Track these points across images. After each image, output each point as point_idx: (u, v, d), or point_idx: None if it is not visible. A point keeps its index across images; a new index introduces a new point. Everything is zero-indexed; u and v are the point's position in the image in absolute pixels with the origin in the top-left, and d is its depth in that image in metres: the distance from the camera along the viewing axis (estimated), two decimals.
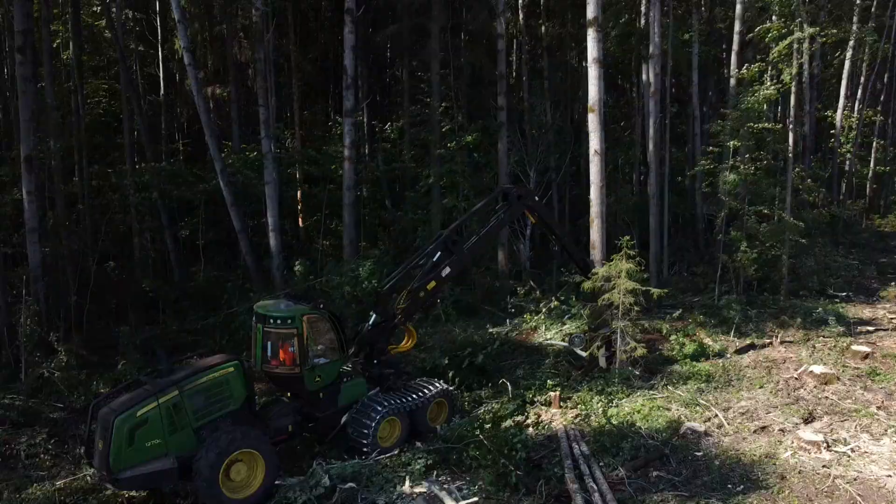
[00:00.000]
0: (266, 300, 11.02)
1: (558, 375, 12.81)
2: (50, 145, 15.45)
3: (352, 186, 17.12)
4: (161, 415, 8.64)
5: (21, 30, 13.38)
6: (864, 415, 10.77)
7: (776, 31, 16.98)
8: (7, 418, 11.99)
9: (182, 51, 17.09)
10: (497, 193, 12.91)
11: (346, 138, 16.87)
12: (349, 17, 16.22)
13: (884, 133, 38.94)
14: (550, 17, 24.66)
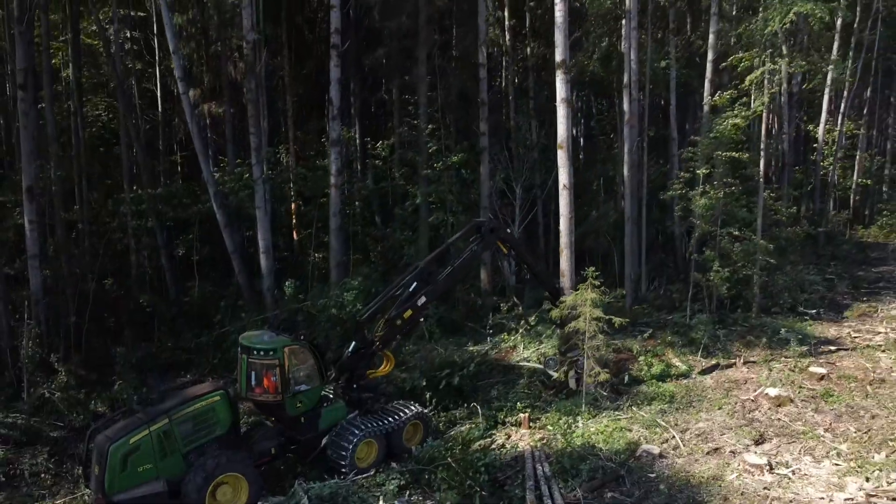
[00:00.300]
0: (251, 332, 11.74)
1: (530, 396, 13.59)
2: (51, 174, 16.20)
3: (338, 212, 17.87)
4: (152, 442, 9.41)
5: (22, 67, 14.14)
6: (810, 437, 11.52)
7: (748, 61, 17.75)
8: (10, 437, 12.80)
9: (178, 81, 17.71)
10: (471, 226, 13.61)
11: (333, 167, 17.62)
12: (335, 51, 16.96)
13: (868, 144, 39.75)
14: (536, 38, 25.37)
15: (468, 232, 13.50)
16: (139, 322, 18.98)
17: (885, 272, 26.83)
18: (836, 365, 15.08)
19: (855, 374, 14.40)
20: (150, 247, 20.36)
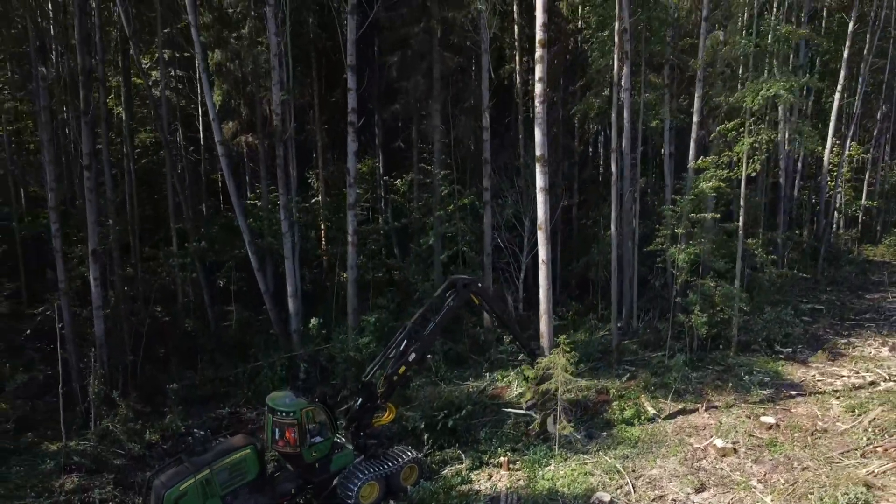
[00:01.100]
0: (276, 393, 14.12)
1: (513, 439, 15.83)
2: (109, 238, 18.88)
3: (355, 265, 20.20)
4: (197, 488, 11.94)
5: (87, 151, 16.75)
6: (743, 488, 13.57)
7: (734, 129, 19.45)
8: (83, 465, 15.59)
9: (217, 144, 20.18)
10: (448, 283, 15.68)
11: (350, 227, 19.93)
12: (352, 127, 19.24)
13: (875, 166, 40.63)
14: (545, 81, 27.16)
15: (446, 288, 15.59)
16: (184, 350, 21.77)
17: (877, 300, 28.18)
18: (790, 412, 17.00)
19: (803, 422, 16.32)
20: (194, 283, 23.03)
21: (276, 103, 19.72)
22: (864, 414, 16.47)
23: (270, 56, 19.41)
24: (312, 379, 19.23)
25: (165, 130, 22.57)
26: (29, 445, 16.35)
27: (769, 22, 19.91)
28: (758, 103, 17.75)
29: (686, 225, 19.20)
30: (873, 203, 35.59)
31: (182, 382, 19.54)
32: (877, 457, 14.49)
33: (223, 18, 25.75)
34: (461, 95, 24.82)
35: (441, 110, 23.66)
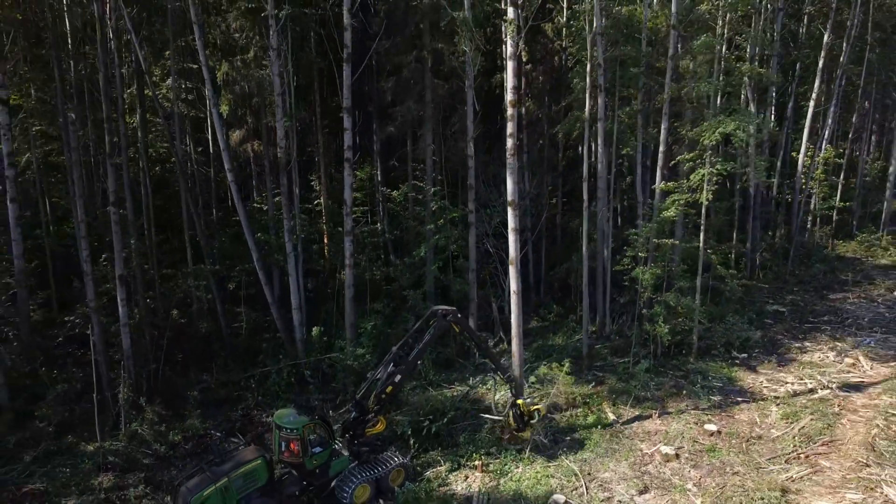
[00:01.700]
0: (281, 411, 16.36)
1: (487, 444, 18.15)
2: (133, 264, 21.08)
3: (352, 285, 22.34)
4: (217, 493, 14.30)
5: (114, 189, 18.87)
6: (679, 490, 15.90)
7: (690, 160, 21.41)
8: (116, 464, 18.04)
9: (228, 172, 22.22)
10: (430, 313, 17.78)
11: (347, 251, 22.04)
12: (347, 164, 21.24)
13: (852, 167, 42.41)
14: (530, 99, 29.04)
15: (428, 317, 17.74)
16: (199, 353, 24.15)
17: (839, 300, 30.29)
18: (733, 418, 19.30)
19: (742, 429, 18.62)
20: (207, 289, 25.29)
21: (281, 136, 21.68)
22: (797, 421, 18.76)
23: (275, 95, 21.30)
24: (316, 383, 21.59)
25: (179, 152, 24.51)
26: (69, 446, 18.79)
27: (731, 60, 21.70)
28: (714, 139, 19.67)
29: (650, 248, 21.29)
30: (845, 204, 37.39)
31: (199, 386, 22.01)
32: (798, 463, 16.81)
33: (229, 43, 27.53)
34: (451, 118, 26.69)
35: (433, 131, 25.62)
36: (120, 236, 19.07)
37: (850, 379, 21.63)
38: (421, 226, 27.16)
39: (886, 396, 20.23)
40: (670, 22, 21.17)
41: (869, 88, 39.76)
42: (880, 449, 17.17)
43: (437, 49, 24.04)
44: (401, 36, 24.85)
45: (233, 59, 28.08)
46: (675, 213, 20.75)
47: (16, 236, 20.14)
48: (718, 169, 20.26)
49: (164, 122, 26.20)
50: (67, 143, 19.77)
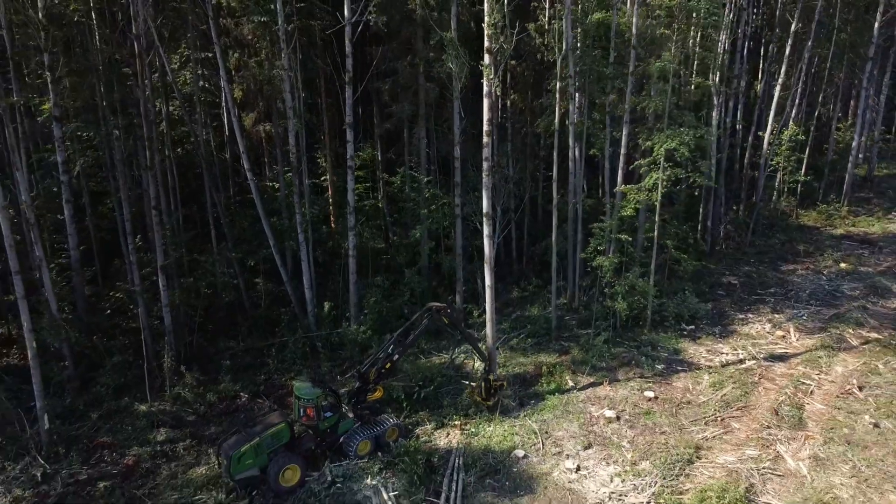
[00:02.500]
0: (300, 383, 20.19)
1: (465, 407, 22.13)
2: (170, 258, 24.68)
3: (355, 271, 25.96)
4: (252, 450, 18.34)
5: (154, 195, 22.35)
6: (615, 447, 19.91)
7: (646, 165, 24.63)
8: (166, 421, 22.18)
9: (247, 172, 25.58)
10: (425, 309, 21.52)
11: (350, 244, 25.54)
12: (350, 171, 24.52)
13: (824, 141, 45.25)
14: (515, 91, 31.96)
15: (424, 311, 21.47)
16: (226, 324, 28.10)
17: (789, 272, 33.89)
18: (670, 385, 23.21)
19: (676, 395, 22.56)
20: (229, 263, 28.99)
21: (292, 143, 24.94)
22: (720, 389, 22.69)
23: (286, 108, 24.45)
24: (326, 353, 25.55)
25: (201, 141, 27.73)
26: (125, 407, 22.88)
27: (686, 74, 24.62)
28: (661, 152, 22.90)
29: (611, 239, 24.82)
30: (807, 178, 40.37)
31: (227, 353, 26.04)
32: (714, 425, 20.79)
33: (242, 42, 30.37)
34: (443, 113, 29.76)
35: (426, 127, 28.80)
36: (160, 234, 22.67)
37: (777, 350, 25.49)
38: (416, 207, 30.63)
39: (802, 366, 24.13)
40: (632, 42, 24.07)
41: (839, 67, 42.17)
42: (782, 413, 21.12)
43: (428, 57, 26.93)
44: (396, 42, 27.69)
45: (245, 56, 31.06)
46: (632, 212, 24.15)
47: (71, 231, 23.77)
48: (668, 175, 23.55)
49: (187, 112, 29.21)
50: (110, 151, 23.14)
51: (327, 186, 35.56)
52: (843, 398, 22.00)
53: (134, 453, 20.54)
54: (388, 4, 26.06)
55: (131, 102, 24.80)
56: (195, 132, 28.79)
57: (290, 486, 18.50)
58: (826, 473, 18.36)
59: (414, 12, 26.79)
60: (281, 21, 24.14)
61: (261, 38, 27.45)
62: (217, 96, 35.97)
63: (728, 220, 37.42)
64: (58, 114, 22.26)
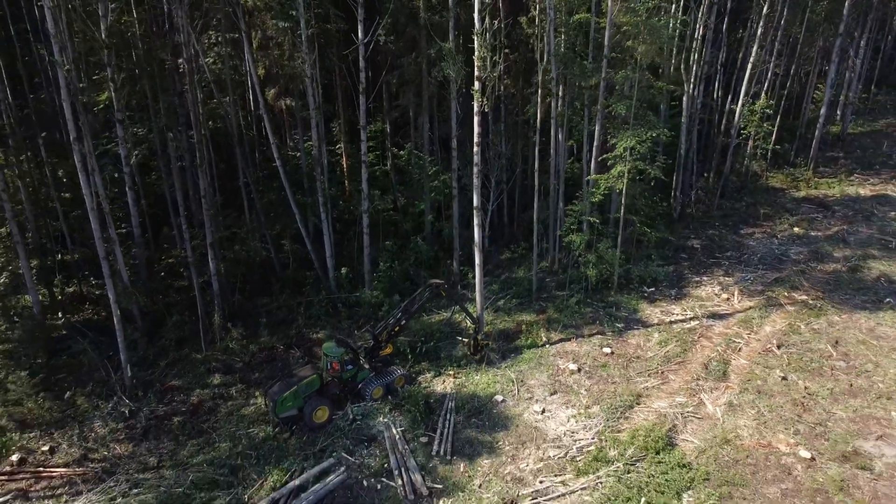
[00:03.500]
0: (327, 343, 25.29)
1: (458, 359, 27.27)
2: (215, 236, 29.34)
3: (369, 245, 30.59)
4: (292, 395, 23.57)
5: (204, 188, 26.86)
6: (573, 393, 25.08)
7: (612, 158, 28.75)
8: (219, 368, 27.49)
9: (272, 147, 29.88)
10: (426, 284, 26.32)
11: (364, 223, 30.04)
12: (364, 165, 28.76)
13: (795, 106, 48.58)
14: (510, 78, 35.62)
15: (425, 287, 26.29)
16: (259, 283, 33.12)
17: (747, 236, 38.30)
18: (626, 342, 28.17)
19: (629, 351, 27.57)
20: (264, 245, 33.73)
21: (315, 139, 29.14)
22: (665, 346, 27.68)
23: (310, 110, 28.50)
24: (345, 311, 30.60)
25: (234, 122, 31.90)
26: (185, 356, 28.19)
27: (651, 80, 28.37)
28: (622, 148, 27.08)
29: (581, 220, 29.31)
30: (776, 147, 44.09)
31: (263, 309, 31.16)
32: (655, 377, 25.87)
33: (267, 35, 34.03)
34: (444, 103, 33.67)
35: (429, 115, 32.83)
36: (210, 219, 27.34)
37: (720, 311, 30.31)
38: (421, 182, 35.02)
39: (737, 326, 29.00)
40: (604, 52, 27.82)
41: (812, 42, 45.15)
42: (711, 367, 26.14)
43: (430, 56, 30.69)
44: (402, 41, 31.39)
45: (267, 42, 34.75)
46: (601, 197, 28.54)
47: (134, 213, 28.46)
48: (629, 168, 27.78)
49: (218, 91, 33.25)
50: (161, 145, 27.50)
51: (341, 153, 39.79)
52: (764, 355, 26.94)
53: (197, 394, 25.97)
54: (395, 9, 29.63)
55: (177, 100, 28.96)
56: (227, 112, 32.85)
57: (321, 422, 23.85)
58: (735, 417, 23.49)
59: (418, 15, 30.37)
60: (303, 24, 27.90)
61: (282, 35, 31.10)
62: (241, 74, 39.73)
63: (699, 186, 41.53)
64: (121, 117, 26.50)
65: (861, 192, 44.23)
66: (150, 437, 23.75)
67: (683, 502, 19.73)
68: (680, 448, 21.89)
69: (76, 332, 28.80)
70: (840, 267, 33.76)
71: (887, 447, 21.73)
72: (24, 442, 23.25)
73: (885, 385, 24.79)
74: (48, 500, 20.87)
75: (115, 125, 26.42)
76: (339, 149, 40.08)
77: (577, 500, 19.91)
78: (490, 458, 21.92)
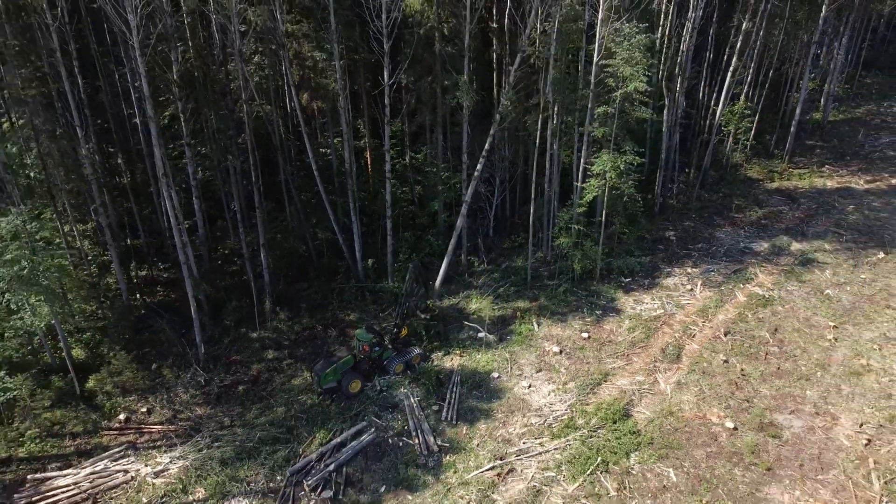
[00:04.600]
0: (359, 330, 31.27)
1: (465, 341, 33.21)
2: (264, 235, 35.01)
3: (391, 240, 36.12)
4: (332, 371, 29.64)
5: (259, 200, 32.49)
6: (555, 372, 31.03)
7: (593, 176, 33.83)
8: (271, 345, 33.70)
9: (311, 160, 35.30)
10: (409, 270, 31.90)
11: (388, 228, 35.53)
12: (388, 181, 34.04)
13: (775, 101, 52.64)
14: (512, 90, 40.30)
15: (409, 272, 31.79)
16: (299, 269, 39.04)
17: (719, 227, 43.35)
18: (601, 328, 33.91)
19: (603, 335, 33.34)
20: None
21: (347, 157, 34.44)
22: (633, 332, 33.42)
23: (342, 125, 33.70)
24: (372, 298, 36.49)
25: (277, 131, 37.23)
26: (242, 335, 34.35)
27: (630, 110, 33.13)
28: (599, 168, 32.21)
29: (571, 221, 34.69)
30: (754, 142, 48.59)
31: (303, 293, 37.18)
32: (621, 359, 31.72)
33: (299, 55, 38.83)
34: (455, 119, 38.64)
35: (442, 131, 37.91)
36: (264, 222, 33.06)
37: (682, 301, 35.86)
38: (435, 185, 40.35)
39: (694, 315, 34.61)
40: (590, 87, 32.64)
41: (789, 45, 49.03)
42: (668, 351, 31.90)
43: (443, 83, 35.60)
44: (419, 66, 36.26)
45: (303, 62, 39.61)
46: (586, 207, 33.84)
47: (199, 217, 34.23)
48: (608, 184, 32.97)
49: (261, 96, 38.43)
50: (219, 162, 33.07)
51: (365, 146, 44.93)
52: (713, 341, 32.63)
53: (255, 367, 32.24)
54: (413, 41, 34.42)
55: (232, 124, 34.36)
56: (271, 120, 38.13)
57: (355, 392, 30.04)
58: (681, 393, 29.36)
59: (434, 44, 35.16)
60: (336, 55, 32.89)
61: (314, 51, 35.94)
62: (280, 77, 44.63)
63: (681, 180, 46.44)
64: (189, 140, 31.97)
65: (828, 185, 48.82)
66: (222, 401, 30.09)
67: (631, 461, 25.75)
68: (634, 418, 27.85)
69: (153, 312, 34.93)
70: (793, 260, 38.95)
71: (797, 420, 27.56)
72: (126, 404, 29.69)
73: (806, 368, 30.45)
74: (151, 450, 27.37)
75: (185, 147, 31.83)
76: (364, 142, 45.19)
77: (550, 458, 26.05)
78: (486, 423, 28.06)
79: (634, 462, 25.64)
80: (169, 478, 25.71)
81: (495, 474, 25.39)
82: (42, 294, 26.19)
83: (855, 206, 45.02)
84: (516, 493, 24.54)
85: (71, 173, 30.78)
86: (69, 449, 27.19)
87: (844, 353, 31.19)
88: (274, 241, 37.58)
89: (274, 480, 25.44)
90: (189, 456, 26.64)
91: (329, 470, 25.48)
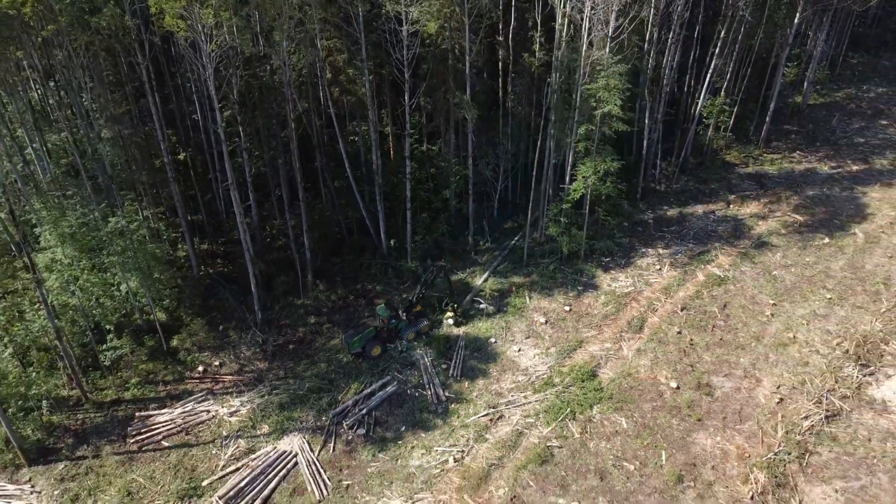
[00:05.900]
0: (380, 306, 38.22)
1: (469, 312, 40.14)
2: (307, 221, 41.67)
3: (411, 224, 42.63)
4: (359, 339, 36.73)
5: (303, 196, 39.14)
6: (540, 339, 37.93)
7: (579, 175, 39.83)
8: (312, 311, 40.94)
9: (342, 150, 41.68)
10: (434, 266, 38.61)
11: (408, 218, 41.95)
12: (408, 181, 40.33)
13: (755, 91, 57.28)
14: (515, 94, 45.97)
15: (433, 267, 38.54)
16: (333, 245, 45.94)
17: (691, 212, 49.31)
18: (581, 302, 40.61)
19: (582, 308, 40.08)
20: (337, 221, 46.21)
21: (375, 158, 40.68)
22: (606, 306, 40.12)
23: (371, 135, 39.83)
24: (395, 273, 43.37)
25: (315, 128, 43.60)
26: (289, 303, 41.52)
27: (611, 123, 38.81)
28: (581, 175, 38.29)
29: (559, 215, 40.99)
30: (730, 134, 53.79)
31: (336, 267, 44.22)
32: (594, 329, 38.56)
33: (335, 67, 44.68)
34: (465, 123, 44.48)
35: (454, 133, 43.93)
36: (306, 212, 39.80)
37: (651, 279, 42.33)
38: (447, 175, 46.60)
39: (659, 293, 41.16)
40: (576, 107, 38.39)
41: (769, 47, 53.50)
42: (633, 323, 38.64)
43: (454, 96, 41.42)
44: (434, 78, 42.07)
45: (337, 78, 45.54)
46: (572, 204, 40.08)
47: (253, 206, 41.00)
48: (590, 188, 39.08)
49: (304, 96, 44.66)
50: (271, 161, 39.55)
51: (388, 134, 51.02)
52: (671, 315, 39.25)
53: (301, 330, 39.60)
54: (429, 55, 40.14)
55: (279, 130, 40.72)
56: (309, 119, 44.34)
57: (376, 355, 37.06)
58: (640, 358, 36.26)
59: (447, 59, 40.88)
60: (366, 72, 38.83)
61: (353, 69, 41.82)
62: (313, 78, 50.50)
63: (663, 166, 52.10)
64: (246, 146, 38.45)
65: (796, 169, 54.14)
66: (276, 357, 37.54)
67: (593, 411, 32.91)
68: (599, 378, 34.90)
69: (216, 282, 42.21)
70: (749, 243, 45.06)
71: (728, 382, 34.43)
72: (203, 359, 37.27)
73: (744, 339, 37.11)
74: (225, 395, 35.02)
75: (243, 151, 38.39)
76: (387, 129, 51.22)
77: (531, 408, 33.29)
78: (483, 380, 35.30)
79: (596, 412, 32.75)
80: (241, 417, 33.36)
81: (489, 419, 32.68)
82: (139, 274, 33.37)
83: (815, 192, 50.48)
84: (504, 434, 31.86)
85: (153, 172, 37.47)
86: (162, 393, 34.87)
87: (777, 326, 37.71)
88: (313, 223, 44.35)
89: (320, 420, 32.98)
90: (255, 400, 34.25)
91: (362, 413, 32.98)
